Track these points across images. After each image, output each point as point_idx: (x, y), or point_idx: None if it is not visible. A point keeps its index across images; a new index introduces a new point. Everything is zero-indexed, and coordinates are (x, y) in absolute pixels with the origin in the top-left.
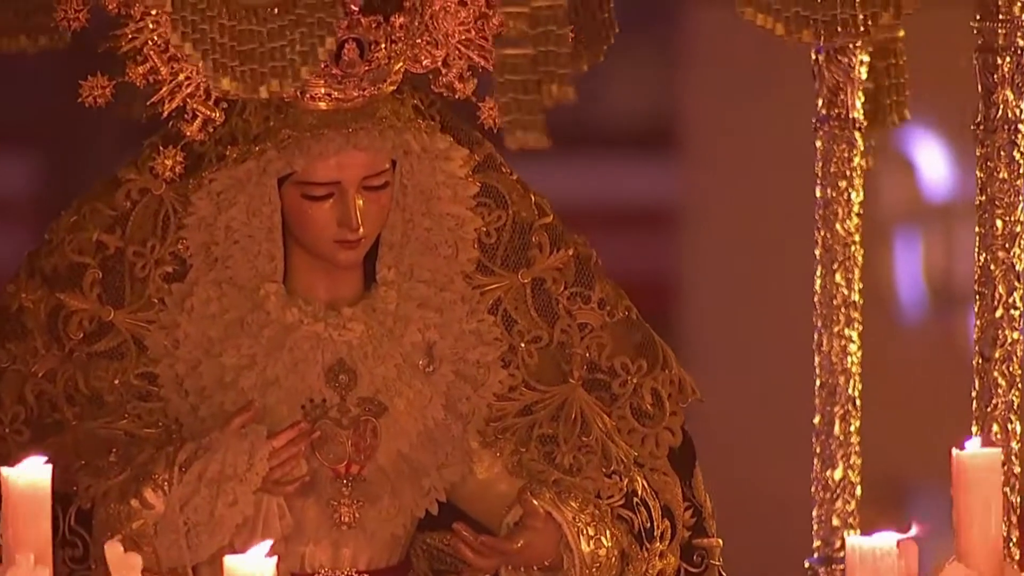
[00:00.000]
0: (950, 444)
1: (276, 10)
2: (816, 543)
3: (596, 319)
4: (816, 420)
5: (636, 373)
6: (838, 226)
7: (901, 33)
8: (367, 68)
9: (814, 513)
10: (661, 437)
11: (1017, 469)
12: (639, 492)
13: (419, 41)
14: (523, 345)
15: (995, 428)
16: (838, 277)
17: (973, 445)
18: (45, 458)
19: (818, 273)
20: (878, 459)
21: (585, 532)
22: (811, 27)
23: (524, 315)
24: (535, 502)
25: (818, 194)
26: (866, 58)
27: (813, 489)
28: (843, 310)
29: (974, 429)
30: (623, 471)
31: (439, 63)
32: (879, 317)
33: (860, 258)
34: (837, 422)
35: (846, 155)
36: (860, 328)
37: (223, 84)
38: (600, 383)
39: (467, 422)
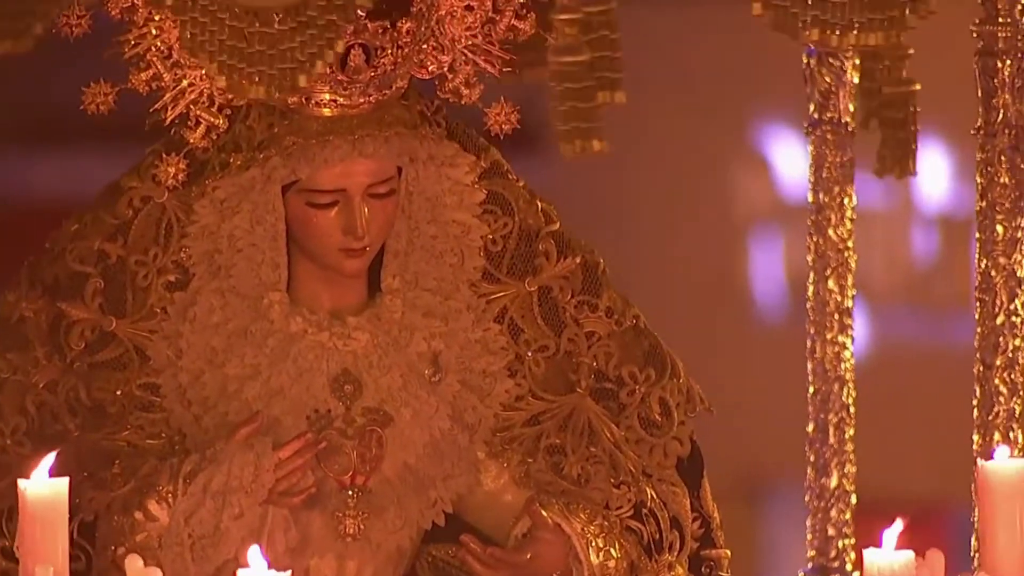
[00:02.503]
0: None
1: (284, 13)
2: (810, 553)
3: (603, 328)
4: (810, 428)
5: (644, 382)
6: (831, 232)
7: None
8: (373, 74)
9: (808, 523)
10: (669, 447)
11: None
12: (648, 503)
13: (425, 47)
14: (530, 354)
15: (997, 436)
16: (831, 283)
17: (1001, 455)
18: (52, 459)
19: (811, 279)
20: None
21: (594, 544)
22: (827, 30)
23: (531, 324)
24: (544, 513)
25: (810, 199)
26: (858, 61)
27: (807, 498)
28: (836, 316)
29: (975, 438)
30: (632, 482)
31: (445, 69)
32: (738, 316)
33: (854, 264)
34: (831, 430)
35: (838, 160)
36: (853, 334)
37: (230, 87)
38: (608, 392)
39: (474, 432)
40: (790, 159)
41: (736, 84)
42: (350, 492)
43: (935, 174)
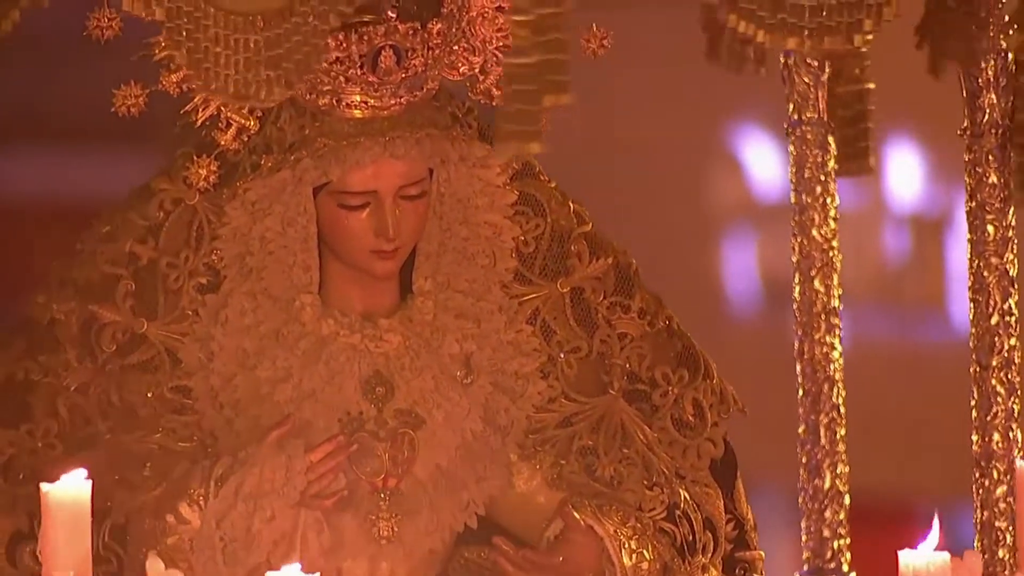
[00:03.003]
0: (785, 439)
1: (269, 19)
2: (805, 555)
3: (636, 329)
4: (800, 429)
5: (677, 383)
6: (815, 232)
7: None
8: (404, 76)
9: (803, 524)
10: (703, 448)
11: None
12: (681, 505)
13: (456, 48)
14: (562, 356)
15: (996, 437)
16: (817, 283)
17: None
18: (85, 472)
19: (796, 280)
20: None
21: (627, 546)
22: (797, 35)
23: (563, 325)
24: (576, 515)
25: (792, 200)
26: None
27: (800, 500)
28: (823, 317)
29: (974, 439)
30: (664, 483)
31: (476, 70)
32: (712, 315)
33: (839, 264)
34: (822, 430)
35: (820, 160)
36: (841, 334)
37: (219, 93)
38: (640, 394)
39: (506, 434)
40: (763, 159)
41: (709, 85)
42: (382, 495)
43: (907, 173)
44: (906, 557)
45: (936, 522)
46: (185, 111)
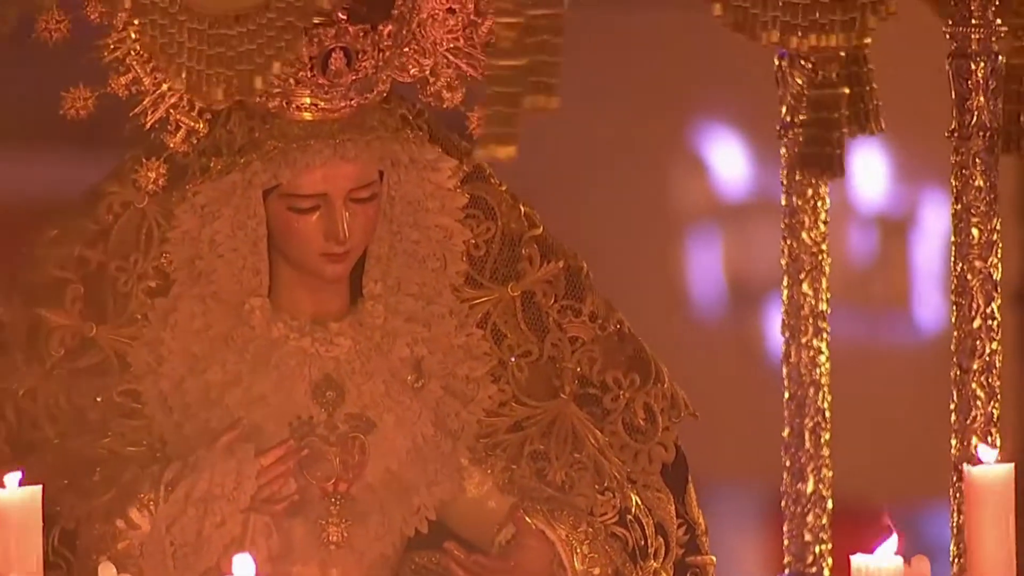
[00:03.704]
0: (750, 440)
1: (242, 15)
2: (787, 559)
3: (587, 333)
4: (785, 433)
5: (628, 387)
6: (804, 235)
7: (867, 40)
8: (354, 78)
9: (785, 528)
10: (654, 452)
11: None
12: (632, 509)
13: (407, 50)
14: (513, 359)
15: (975, 441)
16: (805, 287)
17: (986, 457)
18: (20, 476)
19: (784, 283)
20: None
21: (579, 550)
22: (787, 32)
23: (514, 329)
24: (528, 520)
25: (783, 203)
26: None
27: (783, 503)
28: (811, 320)
29: (953, 443)
30: (616, 488)
31: (427, 72)
32: (676, 315)
33: (827, 267)
34: (807, 434)
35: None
36: (828, 338)
37: (188, 88)
38: (592, 398)
39: (457, 438)
40: (727, 159)
41: (673, 85)
42: (333, 499)
43: (872, 174)
44: (858, 561)
45: (889, 525)
46: (134, 114)
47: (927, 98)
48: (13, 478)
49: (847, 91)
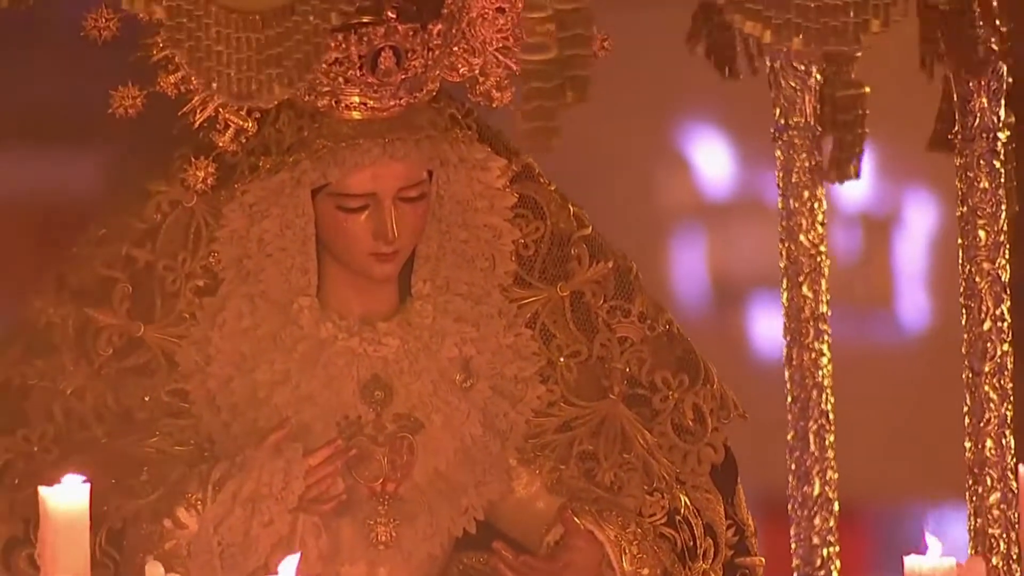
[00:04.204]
0: (735, 438)
1: (270, 18)
2: (795, 562)
3: (636, 333)
4: (789, 436)
5: (677, 388)
6: (802, 237)
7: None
8: (404, 77)
9: (792, 531)
10: (703, 453)
11: (1014, 485)
12: (681, 510)
13: (456, 49)
14: (562, 360)
15: (989, 444)
16: (805, 289)
17: None
18: (83, 477)
19: (784, 286)
20: None
21: (628, 551)
22: (801, 34)
23: (563, 329)
24: (577, 520)
25: (780, 206)
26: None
27: (790, 507)
28: (812, 323)
29: (967, 445)
30: (665, 488)
31: (476, 71)
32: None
33: (827, 269)
34: (811, 437)
35: (807, 164)
36: (830, 340)
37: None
38: (640, 398)
39: (505, 439)
40: (711, 158)
41: (658, 84)
42: (381, 499)
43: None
44: (911, 562)
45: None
46: (183, 112)
47: (909, 97)
48: (72, 480)
49: (868, 90)
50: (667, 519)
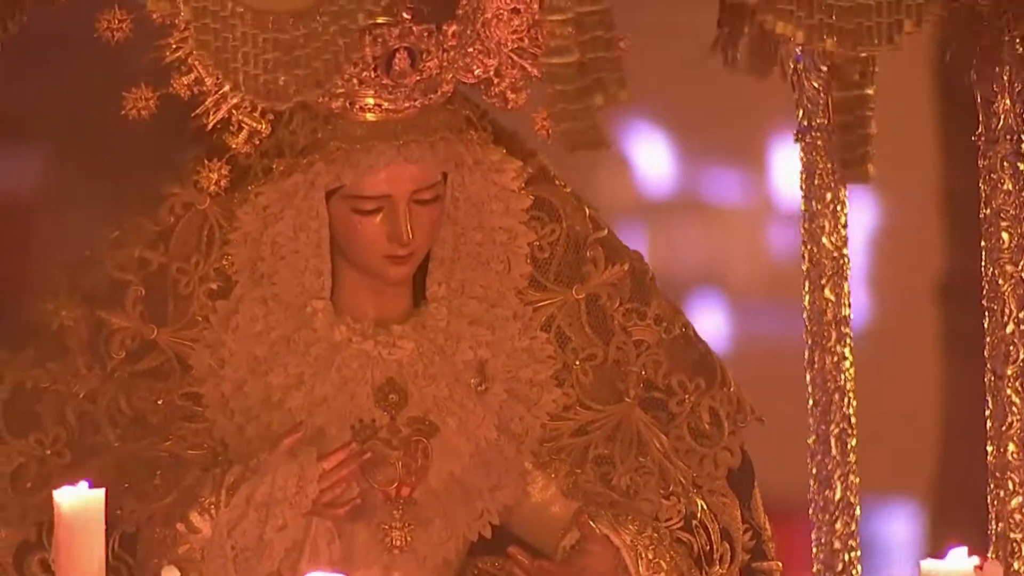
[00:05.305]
0: None
1: (297, 19)
2: (816, 567)
3: (652, 336)
4: (811, 440)
5: (693, 392)
6: (825, 240)
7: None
8: (418, 78)
9: (813, 536)
10: (720, 457)
11: None
12: (698, 514)
13: (471, 50)
14: (577, 363)
15: (1011, 448)
16: (827, 292)
17: None
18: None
19: (806, 288)
20: None
21: (644, 556)
22: (834, 36)
23: (578, 332)
24: (592, 525)
25: (802, 207)
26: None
27: (811, 511)
28: (834, 326)
29: (989, 449)
30: (681, 493)
31: (491, 73)
32: None
33: (849, 271)
34: (833, 441)
35: (830, 166)
36: (851, 343)
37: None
38: (657, 402)
39: (520, 442)
40: (650, 154)
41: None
42: (396, 503)
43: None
44: (928, 566)
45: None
46: (196, 114)
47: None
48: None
49: (872, 91)
50: (683, 523)
